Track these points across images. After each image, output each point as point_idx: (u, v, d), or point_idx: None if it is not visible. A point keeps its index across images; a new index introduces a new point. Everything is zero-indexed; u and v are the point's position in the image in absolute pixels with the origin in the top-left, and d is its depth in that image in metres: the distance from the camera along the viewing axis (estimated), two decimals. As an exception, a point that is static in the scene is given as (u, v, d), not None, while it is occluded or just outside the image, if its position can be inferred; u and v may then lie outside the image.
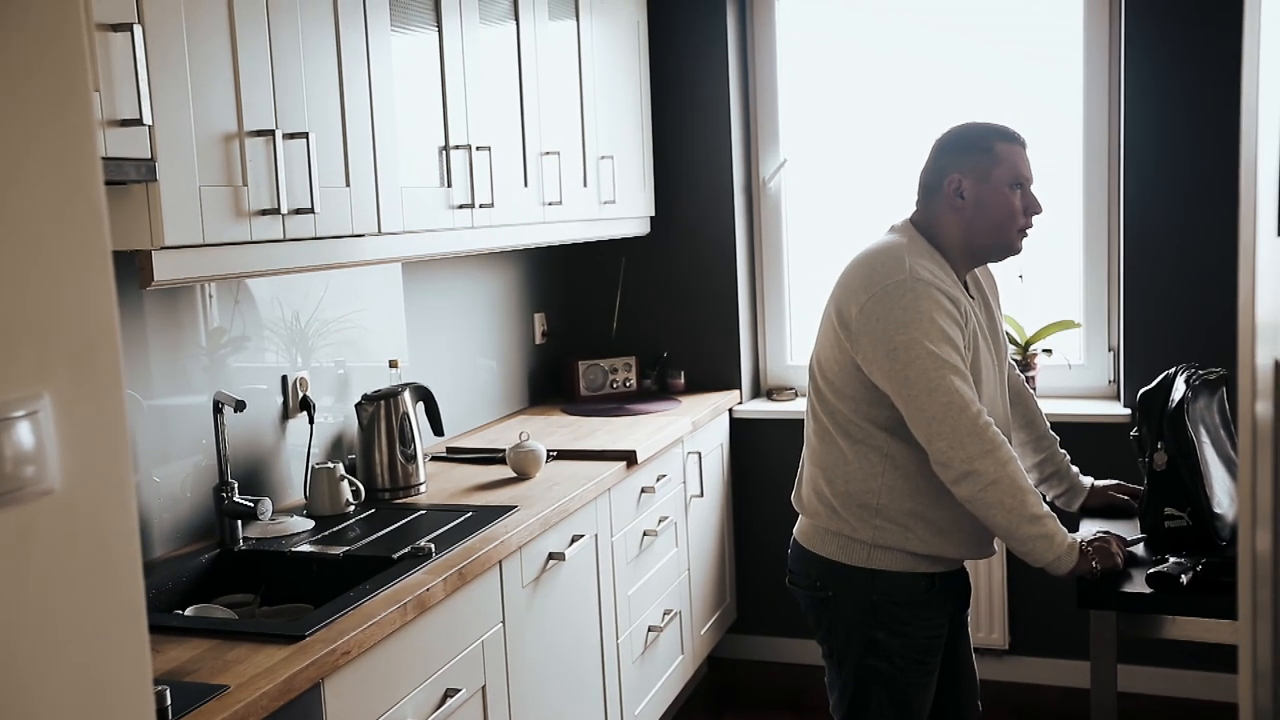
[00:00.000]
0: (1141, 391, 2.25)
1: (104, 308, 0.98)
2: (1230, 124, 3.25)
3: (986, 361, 2.11)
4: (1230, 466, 2.26)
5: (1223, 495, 2.17)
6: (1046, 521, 1.99)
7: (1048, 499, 2.36)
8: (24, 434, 0.90)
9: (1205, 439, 2.19)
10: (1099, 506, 2.38)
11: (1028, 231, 2.14)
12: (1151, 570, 2.00)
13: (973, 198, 2.10)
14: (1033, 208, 2.12)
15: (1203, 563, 1.98)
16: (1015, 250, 2.15)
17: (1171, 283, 3.37)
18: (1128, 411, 3.40)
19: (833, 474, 2.12)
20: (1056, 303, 3.64)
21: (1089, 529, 2.20)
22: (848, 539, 2.11)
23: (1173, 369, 2.27)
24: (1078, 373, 3.63)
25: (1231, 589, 1.94)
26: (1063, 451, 2.42)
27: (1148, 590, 1.99)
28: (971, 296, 2.15)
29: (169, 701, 1.51)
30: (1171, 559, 2.03)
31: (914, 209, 2.19)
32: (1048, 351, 3.58)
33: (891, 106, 3.75)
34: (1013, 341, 3.54)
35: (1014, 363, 2.37)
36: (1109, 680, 2.09)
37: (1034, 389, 3.54)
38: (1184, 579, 1.96)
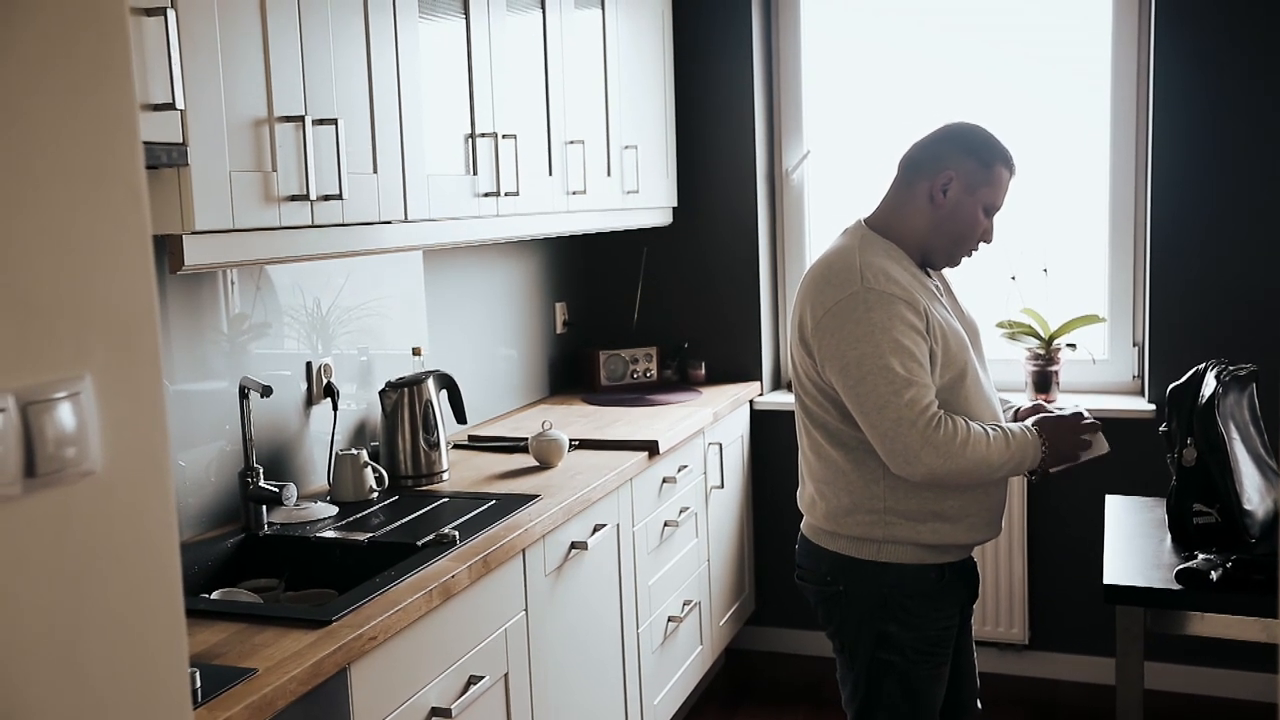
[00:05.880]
0: (1171, 386, 2.24)
1: (144, 289, 0.98)
2: (1262, 116, 3.22)
3: (955, 344, 2.08)
4: (1260, 463, 2.24)
5: (1253, 492, 2.16)
6: (1012, 456, 2.03)
7: None
8: (65, 415, 0.91)
9: (1235, 435, 2.17)
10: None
11: (973, 254, 2.18)
12: (1181, 566, 1.99)
13: (952, 202, 2.11)
14: (988, 237, 2.16)
15: (1233, 559, 1.97)
16: (955, 264, 2.20)
17: (1198, 278, 3.34)
18: (1152, 407, 3.38)
19: (835, 487, 2.13)
20: (1081, 297, 3.62)
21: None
22: (858, 538, 2.11)
23: (1203, 364, 2.25)
24: (1102, 368, 3.61)
25: (1263, 586, 1.93)
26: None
27: (1177, 586, 1.98)
28: (928, 276, 2.16)
29: (198, 683, 1.51)
30: (1201, 555, 2.01)
31: (876, 204, 2.19)
32: (1072, 346, 3.55)
33: (916, 99, 3.73)
34: (1036, 335, 3.52)
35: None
36: (1135, 677, 2.08)
37: (1057, 383, 3.52)
38: (1214, 575, 1.94)
